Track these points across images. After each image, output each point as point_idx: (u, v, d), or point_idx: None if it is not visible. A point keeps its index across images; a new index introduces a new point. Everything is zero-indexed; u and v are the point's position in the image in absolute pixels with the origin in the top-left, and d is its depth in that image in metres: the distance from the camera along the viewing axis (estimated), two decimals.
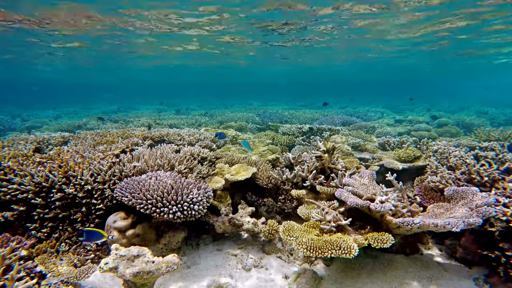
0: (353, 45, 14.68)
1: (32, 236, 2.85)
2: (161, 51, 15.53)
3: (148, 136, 5.12)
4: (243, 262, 2.92)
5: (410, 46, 14.90)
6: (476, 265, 2.74)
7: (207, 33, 11.52)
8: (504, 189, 2.97)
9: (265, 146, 5.85)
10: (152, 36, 11.92)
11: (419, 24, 10.42)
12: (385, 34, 12.21)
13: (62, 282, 2.30)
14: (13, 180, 2.95)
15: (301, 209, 3.15)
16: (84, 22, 9.62)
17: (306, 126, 7.77)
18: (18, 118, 14.17)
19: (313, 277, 2.56)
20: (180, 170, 3.52)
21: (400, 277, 2.62)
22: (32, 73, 28.47)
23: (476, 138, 6.40)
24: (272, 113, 12.27)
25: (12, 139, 4.91)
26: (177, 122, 10.49)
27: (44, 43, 12.54)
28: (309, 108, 18.60)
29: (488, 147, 4.72)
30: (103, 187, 3.09)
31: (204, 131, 6.78)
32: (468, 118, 10.86)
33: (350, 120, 10.55)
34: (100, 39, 12.41)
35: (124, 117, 12.77)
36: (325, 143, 3.80)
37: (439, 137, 7.80)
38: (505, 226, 2.46)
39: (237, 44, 13.89)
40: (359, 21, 10.08)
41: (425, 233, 3.08)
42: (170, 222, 2.95)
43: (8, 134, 9.26)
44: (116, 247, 2.23)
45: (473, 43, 13.84)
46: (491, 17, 9.64)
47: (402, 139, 5.85)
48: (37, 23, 9.56)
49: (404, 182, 4.17)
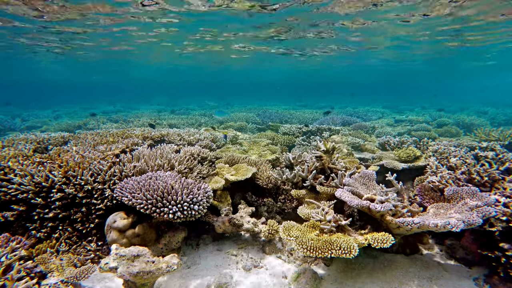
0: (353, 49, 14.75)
1: (32, 236, 2.85)
2: (161, 49, 15.45)
3: (148, 136, 5.12)
4: (243, 262, 2.91)
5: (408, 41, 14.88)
6: (476, 265, 2.74)
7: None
8: (504, 189, 2.97)
9: (265, 146, 5.85)
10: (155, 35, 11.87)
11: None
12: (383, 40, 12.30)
13: (62, 282, 2.30)
14: (13, 180, 2.95)
15: (301, 209, 3.15)
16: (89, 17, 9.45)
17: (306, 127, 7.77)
18: (18, 118, 14.17)
19: (313, 277, 2.56)
20: (180, 170, 3.52)
21: (400, 277, 2.62)
22: (32, 73, 28.47)
23: (476, 138, 6.40)
24: (272, 113, 12.27)
25: (12, 139, 4.91)
26: (177, 122, 10.49)
27: (43, 37, 12.35)
28: (309, 108, 18.60)
29: (488, 147, 4.72)
30: (103, 187, 3.09)
31: (204, 131, 6.78)
32: (468, 118, 10.86)
33: (350, 120, 10.55)
34: (101, 36, 12.35)
35: (124, 117, 12.78)
36: (325, 143, 3.80)
37: (439, 137, 7.80)
38: (505, 226, 2.46)
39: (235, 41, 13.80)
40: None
41: (425, 233, 3.08)
42: (170, 222, 2.95)
43: (8, 134, 9.26)
44: (116, 247, 2.23)
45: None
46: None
47: (402, 139, 5.85)
48: (38, 16, 9.37)
49: (404, 182, 4.17)
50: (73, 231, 2.98)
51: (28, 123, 12.10)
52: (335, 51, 15.09)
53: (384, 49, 14.87)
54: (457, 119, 10.86)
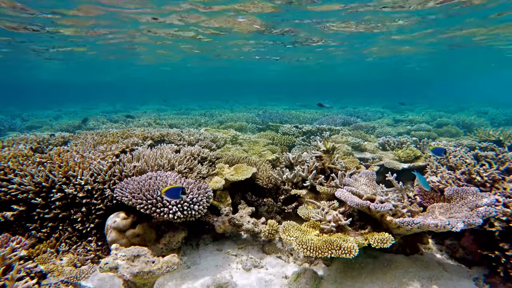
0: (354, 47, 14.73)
1: (32, 236, 2.85)
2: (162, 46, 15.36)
3: (148, 136, 5.12)
4: (243, 262, 2.91)
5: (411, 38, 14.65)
6: (476, 265, 2.74)
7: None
8: (504, 189, 2.97)
9: (265, 146, 5.85)
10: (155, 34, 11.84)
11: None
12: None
13: (62, 282, 2.30)
14: (13, 180, 2.95)
15: (301, 209, 3.15)
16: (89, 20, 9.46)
17: (307, 126, 7.77)
18: (18, 118, 14.16)
19: (313, 277, 2.56)
20: (180, 170, 3.52)
21: (400, 277, 2.62)
22: (33, 73, 28.45)
23: (476, 138, 6.40)
24: (272, 113, 12.26)
25: (12, 139, 4.91)
26: (177, 122, 10.49)
27: (44, 36, 12.31)
28: (309, 108, 18.59)
29: (488, 147, 4.72)
30: (103, 187, 3.09)
31: (204, 131, 6.78)
32: (468, 118, 10.85)
33: (350, 120, 10.54)
34: (102, 38, 12.35)
35: (124, 117, 12.76)
36: (325, 143, 3.80)
37: (439, 137, 7.80)
38: (505, 226, 2.46)
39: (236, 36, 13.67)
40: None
41: (425, 233, 3.08)
42: (170, 222, 2.95)
43: (8, 134, 9.26)
44: (116, 247, 2.23)
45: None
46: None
47: (402, 139, 5.85)
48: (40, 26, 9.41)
49: (404, 182, 4.17)
50: (73, 231, 2.97)
51: (28, 123, 12.09)
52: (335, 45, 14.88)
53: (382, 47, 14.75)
54: (457, 119, 10.85)
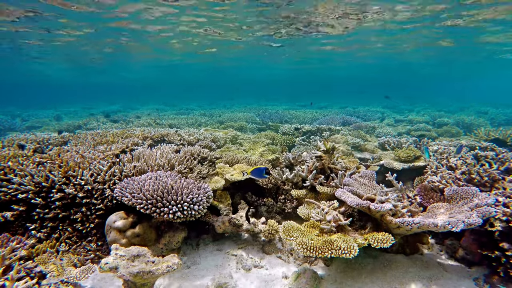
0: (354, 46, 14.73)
1: (32, 236, 2.85)
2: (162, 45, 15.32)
3: (148, 136, 5.12)
4: (243, 262, 2.91)
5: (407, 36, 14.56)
6: (476, 265, 2.74)
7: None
8: (504, 189, 2.97)
9: (265, 146, 5.85)
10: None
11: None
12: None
13: (62, 282, 2.30)
14: (13, 180, 2.95)
15: (301, 209, 3.15)
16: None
17: (307, 126, 7.77)
18: (18, 118, 14.16)
19: (313, 277, 2.56)
20: (180, 170, 3.52)
21: (400, 277, 2.62)
22: (32, 73, 28.45)
23: (476, 138, 6.40)
24: (272, 113, 12.26)
25: (12, 139, 4.91)
26: (177, 122, 10.49)
27: (44, 32, 12.25)
28: (309, 108, 18.59)
29: (488, 147, 4.72)
30: (103, 187, 3.09)
31: (204, 131, 6.78)
32: (468, 118, 10.86)
33: (350, 120, 10.54)
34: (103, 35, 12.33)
35: (124, 117, 12.77)
36: (325, 143, 3.80)
37: (439, 137, 7.80)
38: (505, 226, 2.46)
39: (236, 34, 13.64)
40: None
41: (425, 233, 3.08)
42: (170, 222, 2.95)
43: (8, 134, 9.26)
44: (116, 247, 2.23)
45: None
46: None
47: (402, 139, 5.85)
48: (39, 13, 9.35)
49: (404, 182, 4.17)
50: (73, 231, 2.97)
51: (28, 123, 12.09)
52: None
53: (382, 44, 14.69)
54: (457, 119, 10.85)
